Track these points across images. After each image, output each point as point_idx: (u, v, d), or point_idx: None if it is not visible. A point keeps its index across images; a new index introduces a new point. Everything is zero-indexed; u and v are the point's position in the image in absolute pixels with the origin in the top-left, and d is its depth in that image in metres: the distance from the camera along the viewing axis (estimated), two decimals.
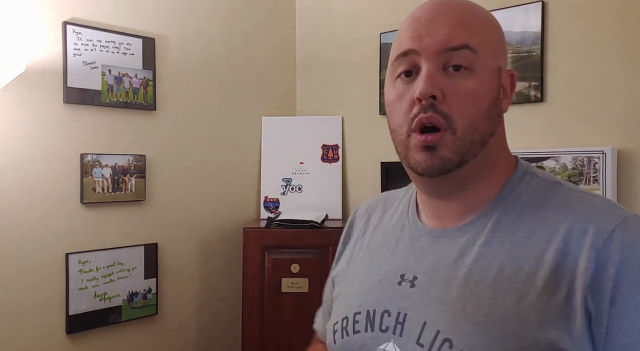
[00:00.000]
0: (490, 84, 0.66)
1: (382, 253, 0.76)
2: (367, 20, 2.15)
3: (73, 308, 1.68)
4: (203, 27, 2.06)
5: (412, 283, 0.68)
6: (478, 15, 0.68)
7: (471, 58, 0.64)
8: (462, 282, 0.64)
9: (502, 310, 0.60)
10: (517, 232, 0.65)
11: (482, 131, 0.65)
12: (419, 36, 0.66)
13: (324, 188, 2.21)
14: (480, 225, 0.67)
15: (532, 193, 0.68)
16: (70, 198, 1.69)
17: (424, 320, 0.65)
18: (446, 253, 0.68)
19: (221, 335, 2.12)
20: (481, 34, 0.66)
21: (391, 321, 0.68)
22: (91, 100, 1.73)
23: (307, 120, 2.28)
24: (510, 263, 0.62)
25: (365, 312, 0.71)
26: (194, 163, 2.04)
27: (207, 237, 2.08)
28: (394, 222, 0.79)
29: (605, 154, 1.50)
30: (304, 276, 1.87)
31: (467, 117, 0.64)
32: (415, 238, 0.73)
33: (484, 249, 0.65)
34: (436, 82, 0.63)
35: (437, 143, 0.64)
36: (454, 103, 0.64)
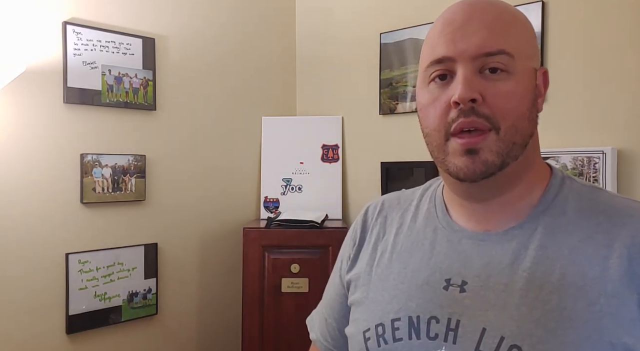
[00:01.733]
0: (528, 85, 0.65)
1: (416, 256, 0.73)
2: (367, 20, 2.15)
3: (73, 308, 1.68)
4: (203, 27, 2.06)
5: (462, 288, 0.66)
6: (512, 17, 0.67)
7: (508, 62, 0.63)
8: (524, 287, 0.62)
9: (574, 315, 0.59)
10: (572, 236, 0.64)
11: (523, 132, 0.65)
12: (453, 41, 0.65)
13: (324, 188, 2.21)
14: (529, 229, 0.66)
15: (578, 198, 0.67)
16: (70, 198, 1.69)
17: (482, 326, 0.62)
18: (498, 257, 0.66)
19: (221, 335, 2.12)
20: (516, 37, 0.65)
21: (441, 328, 0.65)
22: (91, 100, 1.73)
23: (307, 120, 2.28)
24: (573, 267, 0.62)
25: (407, 318, 0.68)
26: (194, 163, 2.04)
27: (207, 237, 2.08)
28: (422, 222, 0.77)
29: (605, 154, 1.50)
30: (304, 276, 1.87)
31: (509, 118, 0.63)
32: (454, 241, 0.71)
33: (540, 253, 0.64)
34: (474, 85, 0.62)
35: (480, 145, 0.63)
36: (495, 104, 0.63)
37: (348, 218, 2.22)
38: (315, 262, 1.88)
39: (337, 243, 1.87)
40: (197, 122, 2.04)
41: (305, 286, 1.87)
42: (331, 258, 1.88)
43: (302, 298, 1.88)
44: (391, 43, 2.06)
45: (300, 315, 1.92)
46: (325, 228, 1.93)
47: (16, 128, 1.58)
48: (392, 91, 2.05)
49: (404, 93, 2.01)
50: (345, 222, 2.18)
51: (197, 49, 2.04)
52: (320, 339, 0.88)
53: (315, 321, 0.92)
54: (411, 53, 2.00)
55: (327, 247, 1.88)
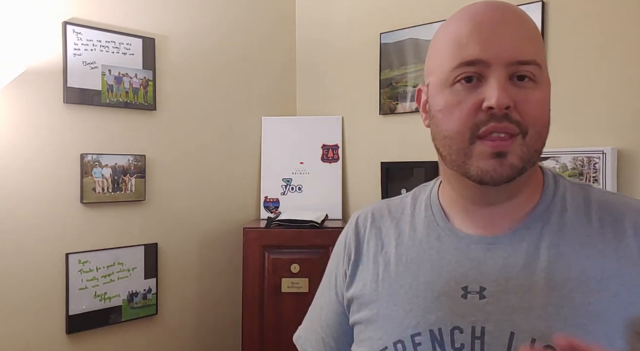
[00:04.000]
0: (549, 95, 0.67)
1: (425, 267, 0.71)
2: (367, 20, 2.15)
3: (73, 308, 1.68)
4: (203, 27, 2.06)
5: (481, 295, 0.65)
6: (535, 27, 0.68)
7: (537, 72, 0.64)
8: (546, 286, 0.62)
9: (600, 309, 0.60)
10: (578, 232, 0.66)
11: (544, 140, 0.66)
12: (488, 44, 0.63)
13: (324, 188, 2.21)
14: (536, 229, 0.67)
15: (573, 195, 0.70)
16: (70, 198, 1.69)
17: (510, 330, 0.62)
18: (511, 259, 0.66)
19: (221, 335, 2.12)
20: (541, 47, 0.67)
21: (466, 338, 0.64)
22: (91, 100, 1.73)
23: (307, 120, 2.28)
24: (589, 262, 0.63)
25: (428, 332, 0.66)
26: (194, 163, 2.04)
27: (207, 237, 2.08)
28: (422, 231, 0.74)
29: (605, 154, 1.50)
30: (304, 276, 1.87)
31: (537, 125, 0.64)
32: (462, 248, 0.69)
33: (553, 251, 0.65)
34: (508, 92, 0.62)
35: (508, 148, 0.63)
36: (526, 111, 0.63)
37: (348, 218, 2.22)
38: (315, 262, 1.88)
39: None
40: (197, 122, 2.04)
41: (305, 286, 1.87)
42: None
43: (302, 298, 1.87)
44: (391, 43, 2.06)
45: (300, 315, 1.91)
46: (325, 228, 1.93)
47: (16, 128, 1.58)
48: (392, 91, 2.05)
49: (404, 93, 2.01)
50: (345, 222, 2.18)
51: (197, 49, 2.04)
52: None
53: (309, 341, 0.88)
54: (411, 53, 2.00)
55: (327, 247, 1.88)
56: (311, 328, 0.88)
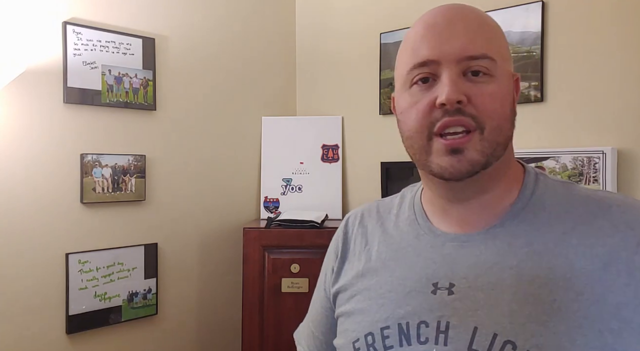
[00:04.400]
0: (508, 88, 0.68)
1: (401, 264, 0.74)
2: (367, 20, 2.15)
3: (73, 308, 1.68)
4: (203, 27, 2.06)
5: (450, 291, 0.66)
6: (490, 22, 0.69)
7: (490, 65, 0.65)
8: (514, 283, 0.63)
9: (563, 306, 0.60)
10: (554, 230, 0.66)
11: (506, 133, 0.67)
12: (438, 44, 0.66)
13: (324, 188, 2.21)
14: (511, 227, 0.67)
15: (554, 193, 0.70)
16: (70, 198, 1.69)
17: (473, 325, 0.63)
18: (483, 257, 0.67)
19: (221, 335, 2.12)
20: (496, 41, 0.68)
21: (431, 332, 0.65)
22: (91, 100, 1.73)
23: (307, 120, 2.28)
24: (560, 260, 0.63)
25: (396, 326, 0.68)
26: (194, 163, 2.04)
27: (207, 237, 2.08)
28: (403, 230, 0.77)
29: (605, 154, 1.50)
30: (304, 276, 1.87)
31: (495, 118, 0.65)
32: (437, 245, 0.71)
33: (526, 249, 0.65)
34: (460, 87, 0.64)
35: (464, 145, 0.64)
36: (481, 105, 0.64)
37: None
38: (315, 262, 1.88)
39: None
40: (197, 122, 2.04)
41: (305, 286, 1.87)
42: None
43: (302, 298, 1.87)
44: (391, 43, 2.06)
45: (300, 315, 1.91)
46: (325, 228, 1.93)
47: (16, 128, 1.58)
48: (392, 91, 2.05)
49: None
50: None
51: (197, 49, 2.04)
52: None
53: (302, 335, 0.93)
54: None
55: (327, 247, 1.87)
56: (306, 324, 0.93)
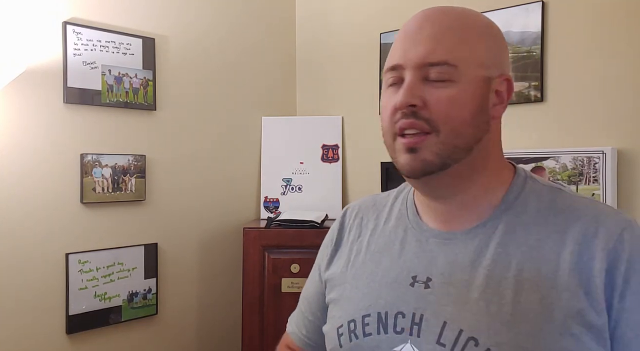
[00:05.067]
0: (473, 93, 0.68)
1: (387, 255, 0.77)
2: (367, 21, 2.15)
3: (73, 308, 1.68)
4: (203, 27, 2.06)
5: (427, 285, 0.70)
6: (466, 26, 0.70)
7: (451, 72, 0.67)
8: (483, 282, 0.66)
9: (527, 308, 0.63)
10: (530, 235, 0.68)
11: (466, 137, 0.68)
12: (404, 50, 0.70)
13: (324, 188, 2.21)
14: (492, 228, 0.70)
15: (538, 198, 0.71)
16: (70, 198, 1.69)
17: (443, 320, 0.66)
18: (461, 255, 0.70)
19: (221, 335, 2.12)
20: (465, 47, 0.68)
21: (406, 323, 0.69)
22: (91, 100, 1.73)
23: (307, 120, 2.28)
24: (529, 263, 0.66)
25: (376, 314, 0.72)
26: (194, 163, 2.04)
27: (207, 237, 2.08)
28: (393, 223, 0.81)
29: (605, 154, 1.50)
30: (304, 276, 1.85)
31: (449, 123, 0.67)
32: (422, 240, 0.75)
33: (500, 250, 0.68)
34: (416, 92, 0.67)
35: (419, 145, 0.68)
36: (436, 109, 0.67)
37: None
38: None
39: None
40: (197, 122, 2.04)
41: None
42: None
43: None
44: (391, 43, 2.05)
45: None
46: (325, 228, 1.92)
47: (16, 128, 1.58)
48: None
49: None
50: None
51: (197, 48, 2.04)
52: (295, 331, 0.93)
53: (292, 317, 0.97)
54: None
55: None
56: (298, 306, 0.98)
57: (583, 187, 1.53)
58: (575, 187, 1.54)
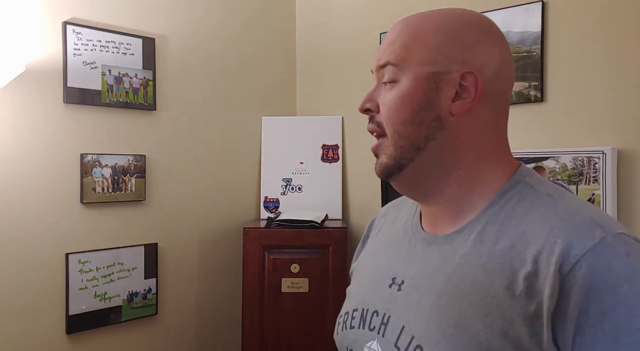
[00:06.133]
0: (414, 90, 0.68)
1: (382, 255, 0.80)
2: (367, 20, 2.15)
3: (73, 308, 1.68)
4: (203, 27, 2.06)
5: (400, 287, 0.71)
6: (420, 26, 0.70)
7: (394, 72, 0.69)
8: (439, 291, 0.65)
9: (469, 323, 0.61)
10: (497, 244, 0.64)
11: (409, 137, 0.68)
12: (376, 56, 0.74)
13: (324, 188, 2.21)
14: (467, 234, 0.67)
15: (517, 204, 0.66)
16: (70, 198, 1.69)
17: (402, 324, 0.67)
18: (432, 260, 0.70)
19: (221, 335, 2.12)
20: (410, 46, 0.69)
21: (378, 321, 0.71)
22: (91, 100, 1.73)
23: (307, 120, 2.28)
24: (483, 276, 0.62)
25: (361, 310, 0.75)
26: (194, 163, 2.04)
27: (207, 237, 2.08)
28: (403, 223, 0.82)
29: (605, 154, 1.50)
30: (304, 276, 1.87)
31: (390, 124, 0.69)
32: (412, 243, 0.75)
33: (463, 260, 0.66)
34: (372, 97, 0.72)
35: (378, 150, 0.72)
36: (383, 112, 0.70)
37: (348, 218, 2.22)
38: (315, 262, 1.88)
39: (337, 243, 1.88)
40: (197, 122, 2.04)
41: (305, 286, 1.87)
42: (331, 258, 1.88)
43: (302, 298, 1.88)
44: None
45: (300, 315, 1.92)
46: (325, 228, 1.93)
47: (16, 128, 1.58)
48: None
49: None
50: (345, 222, 2.18)
51: (197, 49, 2.04)
52: None
53: None
54: None
55: (327, 246, 1.88)
56: None
57: (583, 187, 1.53)
58: (575, 187, 1.54)
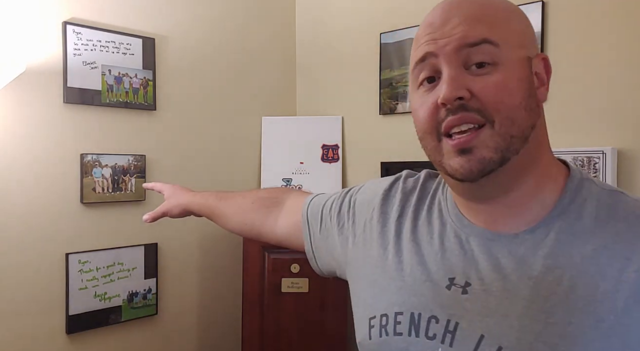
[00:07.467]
0: (520, 75, 0.62)
1: (424, 249, 0.70)
2: (367, 20, 2.15)
3: (73, 308, 1.68)
4: (203, 27, 2.06)
5: (464, 290, 0.63)
6: (497, 7, 0.64)
7: (493, 52, 0.60)
8: (529, 296, 0.59)
9: (579, 332, 0.55)
10: (586, 245, 0.59)
11: (521, 124, 0.61)
12: (434, 39, 0.63)
13: (324, 188, 2.21)
14: (541, 234, 0.62)
15: (597, 203, 0.63)
16: (70, 198, 1.69)
17: (480, 333, 0.60)
18: (504, 261, 0.63)
19: (221, 335, 2.12)
20: (502, 26, 0.62)
21: (439, 329, 0.63)
22: (91, 100, 1.73)
23: (307, 120, 2.28)
24: (583, 278, 0.57)
25: (409, 314, 0.66)
26: (194, 163, 2.04)
27: (207, 237, 2.08)
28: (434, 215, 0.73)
29: (605, 154, 1.50)
30: (304, 276, 1.87)
31: (503, 110, 0.60)
32: (462, 238, 0.68)
33: (549, 261, 0.60)
34: (460, 82, 0.60)
35: (473, 143, 0.60)
36: (486, 97, 0.60)
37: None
38: None
39: None
40: (197, 122, 2.04)
41: (305, 286, 1.87)
42: None
43: (302, 298, 1.88)
44: (391, 43, 2.06)
45: (300, 315, 1.92)
46: None
47: (16, 128, 1.58)
48: (392, 91, 2.05)
49: (404, 94, 2.01)
50: None
51: (197, 49, 2.04)
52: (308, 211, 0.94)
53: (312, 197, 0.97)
54: None
55: None
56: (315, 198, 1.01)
57: None
58: None
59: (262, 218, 0.99)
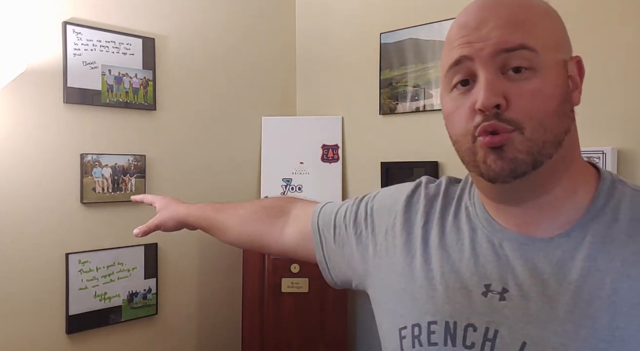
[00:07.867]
0: (557, 80, 0.61)
1: (455, 255, 0.69)
2: (367, 20, 2.15)
3: (73, 308, 1.68)
4: (203, 27, 2.06)
5: (502, 296, 0.62)
6: (531, 9, 0.64)
7: (531, 57, 0.59)
8: (570, 301, 0.58)
9: (627, 336, 0.54)
10: (625, 247, 0.59)
11: (554, 130, 0.60)
12: (470, 42, 0.61)
13: (324, 188, 2.21)
14: (577, 238, 0.61)
15: (631, 204, 0.62)
16: (70, 198, 1.69)
17: (522, 339, 0.58)
18: (541, 266, 0.61)
19: (221, 335, 2.12)
20: (537, 29, 0.62)
21: (478, 337, 0.61)
22: (91, 100, 1.73)
23: (307, 120, 2.28)
24: (626, 281, 0.57)
25: (444, 323, 0.64)
26: (194, 163, 2.04)
27: (207, 237, 2.06)
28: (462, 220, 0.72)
29: (605, 154, 1.50)
30: (304, 276, 1.87)
31: (535, 117, 0.59)
32: (495, 242, 0.66)
33: (588, 264, 0.59)
34: (497, 88, 0.59)
35: (504, 142, 0.59)
36: (520, 106, 0.59)
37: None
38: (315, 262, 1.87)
39: None
40: (197, 122, 2.04)
41: (305, 286, 1.87)
42: None
43: (302, 298, 1.88)
44: (391, 43, 2.06)
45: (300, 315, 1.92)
46: None
47: (16, 128, 1.58)
48: (392, 91, 2.05)
49: (404, 93, 2.01)
50: None
51: (197, 48, 2.04)
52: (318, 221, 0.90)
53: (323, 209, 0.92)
54: (411, 53, 1.99)
55: None
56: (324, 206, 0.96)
57: None
58: None
59: (266, 229, 0.97)
